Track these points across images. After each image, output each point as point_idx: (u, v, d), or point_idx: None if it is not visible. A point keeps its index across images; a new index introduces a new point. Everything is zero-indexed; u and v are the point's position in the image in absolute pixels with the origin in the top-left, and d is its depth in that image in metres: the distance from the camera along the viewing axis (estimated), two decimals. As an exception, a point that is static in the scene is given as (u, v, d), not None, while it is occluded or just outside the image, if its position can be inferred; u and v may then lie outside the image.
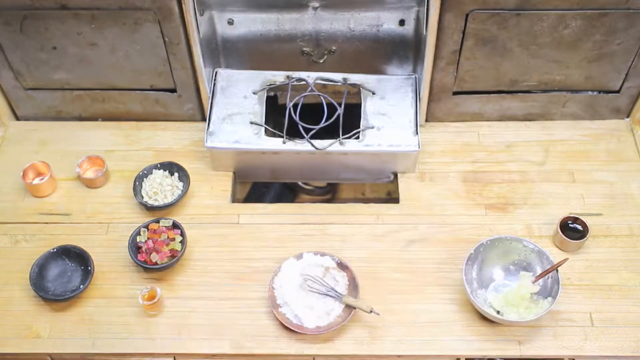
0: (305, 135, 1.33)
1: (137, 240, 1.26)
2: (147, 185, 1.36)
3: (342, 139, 1.33)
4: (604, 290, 1.22)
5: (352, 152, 1.34)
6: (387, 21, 1.37)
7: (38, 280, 1.21)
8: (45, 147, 1.47)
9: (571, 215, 1.28)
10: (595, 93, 1.44)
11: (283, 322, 1.16)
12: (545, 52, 1.34)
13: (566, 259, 1.17)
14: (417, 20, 1.36)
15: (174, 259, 1.23)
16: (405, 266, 1.26)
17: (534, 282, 1.19)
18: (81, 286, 1.21)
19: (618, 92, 1.43)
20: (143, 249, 1.25)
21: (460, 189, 1.38)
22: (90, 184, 1.39)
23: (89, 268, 1.23)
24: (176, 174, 1.38)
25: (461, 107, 1.46)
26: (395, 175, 1.41)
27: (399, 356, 1.17)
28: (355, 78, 1.41)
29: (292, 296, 1.19)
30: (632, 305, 1.20)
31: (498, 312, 1.17)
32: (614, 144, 1.44)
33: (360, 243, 1.29)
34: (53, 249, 1.25)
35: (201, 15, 1.32)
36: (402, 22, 1.37)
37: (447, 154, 1.44)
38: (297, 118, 1.33)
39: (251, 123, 1.36)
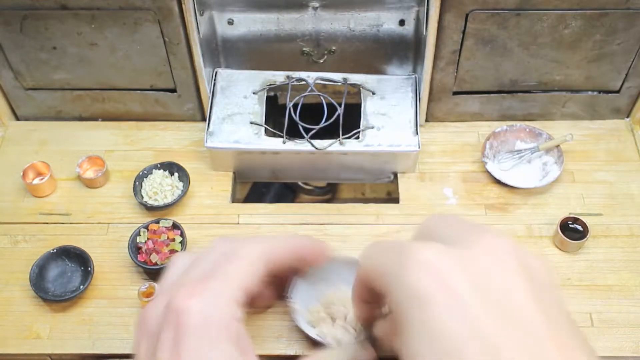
0: (305, 135, 1.33)
1: (137, 240, 1.26)
2: (147, 185, 1.36)
3: (342, 139, 1.33)
4: (604, 290, 1.22)
5: (352, 152, 1.34)
6: (387, 21, 1.37)
7: (38, 281, 1.21)
8: (45, 147, 1.47)
9: (571, 216, 1.28)
10: (595, 93, 1.44)
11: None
12: (545, 52, 1.34)
13: None
14: (417, 20, 1.36)
15: (174, 259, 1.23)
16: (405, 266, 1.26)
17: None
18: (81, 287, 1.21)
19: (618, 92, 1.43)
20: (143, 249, 1.25)
21: (460, 189, 1.38)
22: (90, 184, 1.39)
23: (89, 268, 1.23)
24: (176, 174, 1.38)
25: (461, 107, 1.46)
26: (395, 175, 1.41)
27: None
28: (355, 78, 1.41)
29: None
30: (632, 305, 1.20)
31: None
32: (614, 144, 1.44)
33: (360, 243, 1.29)
34: (53, 250, 1.25)
35: (201, 15, 1.31)
36: (402, 22, 1.37)
37: (447, 154, 1.44)
38: (297, 118, 1.33)
39: (251, 123, 1.36)
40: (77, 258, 1.25)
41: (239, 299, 0.54)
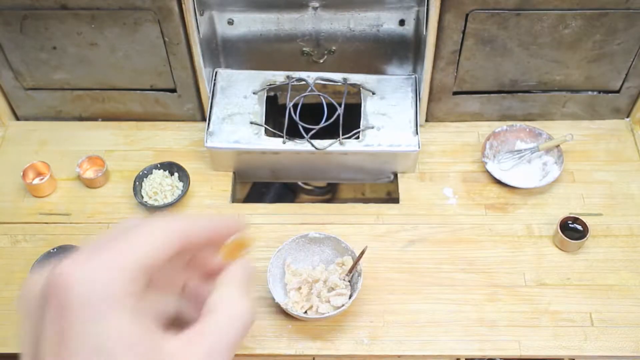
0: (305, 135, 1.33)
1: (137, 240, 1.26)
2: (147, 185, 1.36)
3: (342, 139, 1.34)
4: (604, 290, 1.22)
5: (352, 152, 1.34)
6: (387, 21, 1.37)
7: (38, 281, 1.21)
8: (45, 147, 1.47)
9: (571, 215, 1.28)
10: (595, 93, 1.44)
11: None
12: (545, 52, 1.34)
13: (366, 247, 1.17)
14: (417, 20, 1.36)
15: (174, 259, 1.23)
16: (405, 266, 1.26)
17: (342, 278, 1.20)
18: (81, 286, 1.21)
19: (618, 92, 1.43)
20: (143, 249, 1.25)
21: (460, 189, 1.38)
22: (90, 184, 1.39)
23: (89, 268, 1.23)
24: (176, 174, 1.38)
25: (461, 107, 1.46)
26: (395, 175, 1.41)
27: (399, 356, 1.17)
28: (355, 78, 1.41)
29: None
30: (632, 305, 1.20)
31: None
32: (614, 144, 1.44)
33: (360, 243, 1.29)
34: (53, 249, 1.25)
35: (201, 15, 1.32)
36: (402, 22, 1.37)
37: (447, 154, 1.44)
38: (297, 118, 1.33)
39: (251, 123, 1.36)
40: (77, 258, 1.25)
41: (135, 273, 0.46)
